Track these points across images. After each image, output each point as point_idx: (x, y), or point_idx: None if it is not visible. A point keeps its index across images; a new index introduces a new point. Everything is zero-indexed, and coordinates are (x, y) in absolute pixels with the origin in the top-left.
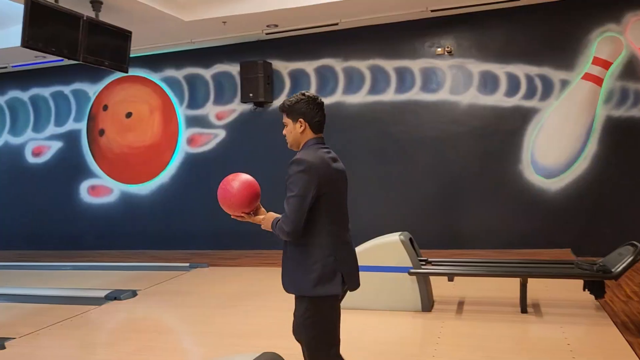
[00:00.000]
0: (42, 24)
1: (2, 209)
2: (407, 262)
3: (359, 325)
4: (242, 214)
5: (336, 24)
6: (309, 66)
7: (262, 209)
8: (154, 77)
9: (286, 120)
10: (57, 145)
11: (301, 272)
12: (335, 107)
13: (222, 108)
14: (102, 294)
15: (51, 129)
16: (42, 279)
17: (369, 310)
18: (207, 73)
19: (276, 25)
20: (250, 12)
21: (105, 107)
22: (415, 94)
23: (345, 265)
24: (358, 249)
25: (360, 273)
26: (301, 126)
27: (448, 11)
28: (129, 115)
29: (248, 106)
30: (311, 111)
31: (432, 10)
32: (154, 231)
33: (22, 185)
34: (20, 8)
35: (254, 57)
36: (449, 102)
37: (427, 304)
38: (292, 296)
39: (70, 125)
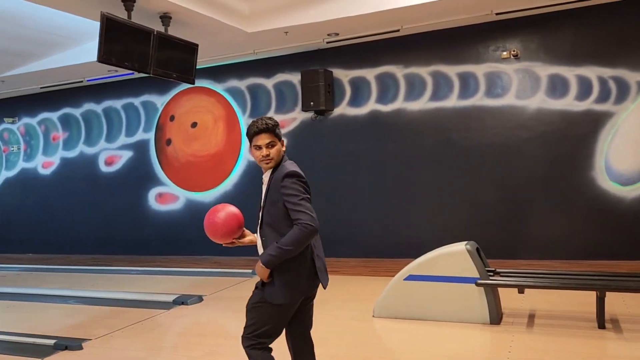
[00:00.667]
0: (116, 40)
1: (78, 215)
2: (474, 273)
3: (427, 336)
4: (233, 241)
5: (397, 31)
6: (370, 73)
7: (246, 230)
8: (218, 87)
9: (273, 140)
10: (127, 154)
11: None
12: (395, 114)
13: (283, 117)
14: (170, 298)
15: (122, 139)
16: (114, 283)
17: (436, 321)
18: (269, 82)
19: (337, 34)
20: (312, 22)
21: (172, 118)
22: (479, 100)
23: (319, 261)
24: (422, 258)
25: (426, 283)
26: (282, 145)
27: (514, 14)
28: (194, 125)
29: (309, 114)
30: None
31: (497, 14)
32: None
33: (96, 193)
34: (94, 25)
35: (315, 66)
36: (514, 107)
37: (496, 316)
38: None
39: (139, 136)
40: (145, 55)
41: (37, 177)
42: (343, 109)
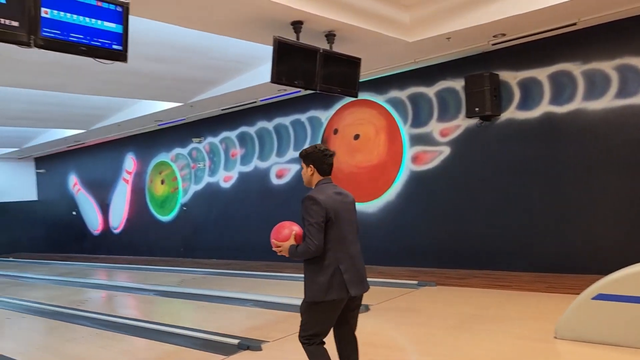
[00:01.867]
0: (286, 61)
1: (253, 224)
2: None
3: None
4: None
5: (574, 24)
6: (541, 73)
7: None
8: (379, 99)
9: (302, 164)
10: (295, 167)
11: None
12: (572, 116)
13: (446, 125)
14: None
15: (291, 153)
16: (286, 288)
17: (633, 348)
18: (430, 91)
19: (503, 34)
20: (476, 25)
21: (336, 131)
22: None
23: (347, 274)
24: (616, 275)
25: (620, 304)
26: (311, 171)
27: None
28: (356, 137)
29: (473, 121)
30: (319, 160)
31: None
32: (381, 247)
33: (268, 204)
34: (266, 49)
35: (479, 70)
36: None
37: None
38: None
39: None
40: (311, 73)
41: (219, 190)
42: (511, 113)
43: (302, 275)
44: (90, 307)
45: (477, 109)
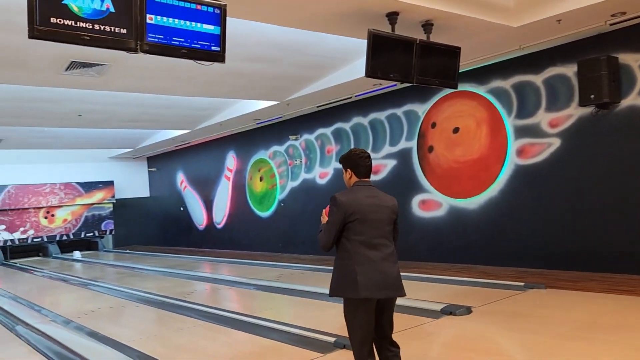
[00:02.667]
0: (381, 54)
1: None
2: None
3: None
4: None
5: None
6: None
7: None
8: (480, 90)
9: (342, 169)
10: (391, 163)
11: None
12: None
13: (555, 114)
14: (438, 307)
15: (386, 149)
16: None
17: None
18: (538, 79)
19: (623, 13)
20: (592, 3)
21: (434, 125)
22: None
23: (361, 276)
24: None
25: None
26: (349, 174)
27: None
28: (456, 130)
29: (588, 110)
30: (355, 163)
31: None
32: (483, 246)
33: None
34: (360, 43)
35: (595, 53)
36: None
37: None
38: None
39: (402, 144)
40: (408, 65)
41: (315, 187)
42: (633, 100)
43: (400, 274)
44: (195, 299)
45: (592, 96)
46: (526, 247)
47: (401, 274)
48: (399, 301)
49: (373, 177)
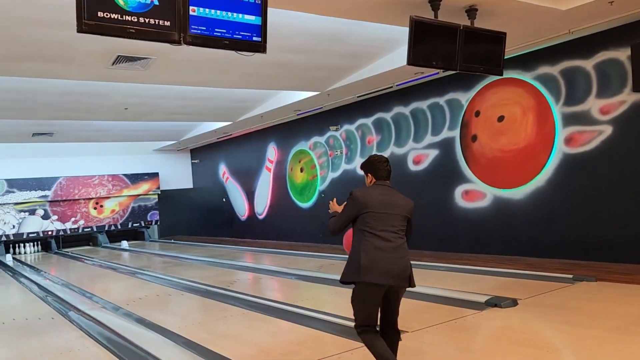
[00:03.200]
0: (423, 41)
1: None
2: None
3: None
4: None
5: None
6: None
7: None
8: (526, 76)
9: (364, 174)
10: (433, 153)
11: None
12: None
13: (607, 101)
14: (482, 299)
15: (428, 139)
16: (423, 277)
17: None
18: (588, 64)
19: None
20: None
21: (477, 113)
22: None
23: (368, 263)
24: None
25: None
26: (369, 179)
27: None
28: (500, 119)
29: None
30: (374, 167)
31: None
32: (529, 237)
33: (406, 191)
34: (402, 31)
35: None
36: None
37: None
38: None
39: (445, 134)
40: (451, 52)
41: (355, 178)
42: None
43: (441, 265)
44: (238, 288)
45: None
46: (575, 238)
47: (443, 265)
48: (441, 293)
49: (415, 168)
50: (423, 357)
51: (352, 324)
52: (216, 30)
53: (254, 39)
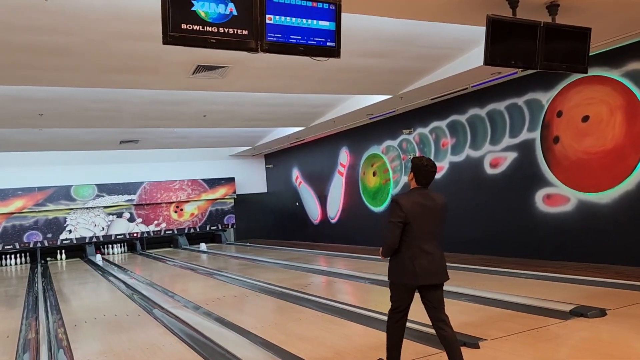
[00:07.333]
0: (501, 40)
1: (466, 216)
2: None
3: None
4: None
5: None
6: None
7: None
8: (614, 74)
9: (411, 170)
10: (512, 155)
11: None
12: None
13: None
14: (566, 308)
15: (506, 141)
16: (504, 284)
17: None
18: None
19: None
20: None
21: (560, 113)
22: None
23: (418, 266)
24: None
25: None
26: (411, 177)
27: None
28: (585, 119)
29: None
30: (419, 171)
31: None
32: (617, 244)
33: (482, 195)
34: (477, 31)
35: None
36: None
37: None
38: None
39: (524, 135)
40: (530, 51)
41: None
42: None
43: (522, 272)
44: (312, 291)
45: None
46: None
47: (524, 272)
48: (523, 301)
49: (492, 171)
50: None
51: (427, 329)
52: (291, 37)
53: (328, 44)
